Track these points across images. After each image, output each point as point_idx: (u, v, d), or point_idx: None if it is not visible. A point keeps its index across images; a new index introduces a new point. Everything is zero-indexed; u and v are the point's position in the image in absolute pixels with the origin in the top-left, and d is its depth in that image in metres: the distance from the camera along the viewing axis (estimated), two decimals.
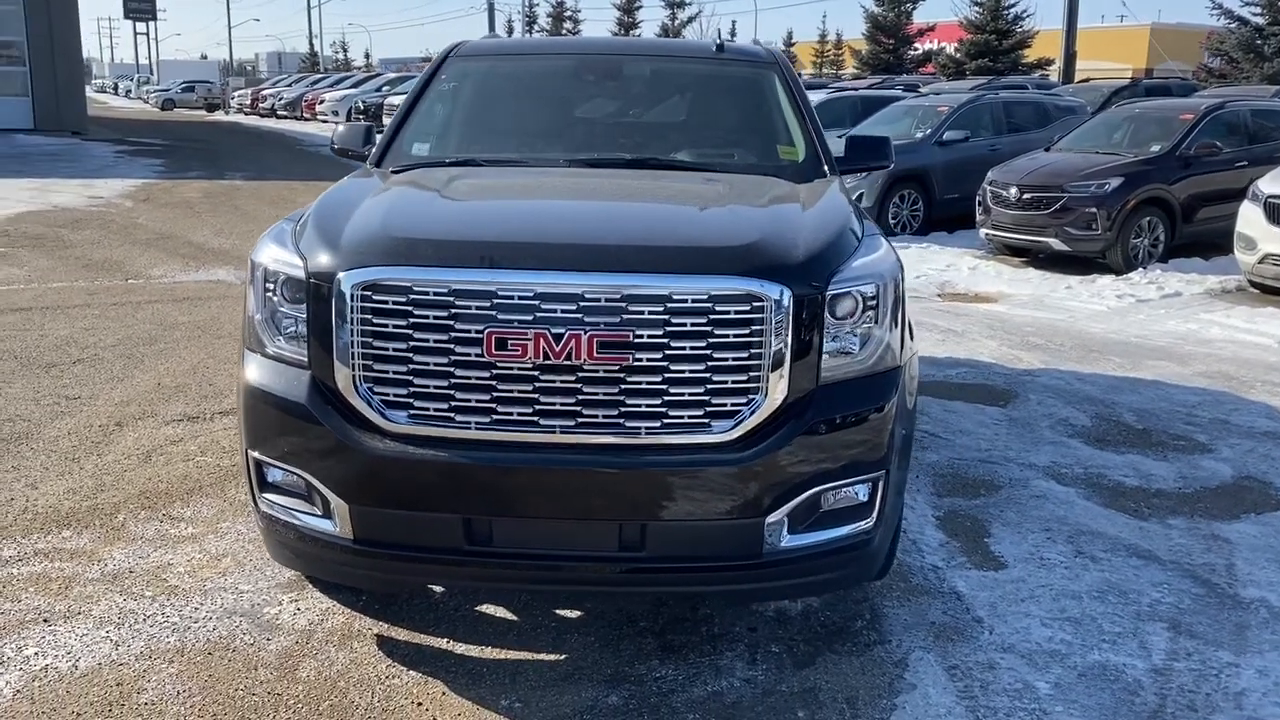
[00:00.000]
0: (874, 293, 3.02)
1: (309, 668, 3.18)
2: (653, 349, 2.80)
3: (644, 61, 4.78)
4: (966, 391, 6.49)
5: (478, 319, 2.79)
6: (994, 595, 3.72)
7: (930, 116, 14.44)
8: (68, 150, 23.54)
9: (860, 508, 3.06)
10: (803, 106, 4.34)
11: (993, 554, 4.08)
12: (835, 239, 3.12)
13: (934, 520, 4.39)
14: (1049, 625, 3.50)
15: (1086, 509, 4.56)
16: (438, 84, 4.53)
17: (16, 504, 4.32)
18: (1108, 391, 6.52)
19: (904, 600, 3.68)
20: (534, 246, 2.93)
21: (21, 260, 10.24)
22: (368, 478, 2.89)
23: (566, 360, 2.78)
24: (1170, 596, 3.73)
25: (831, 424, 2.95)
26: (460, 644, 3.33)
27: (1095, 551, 4.10)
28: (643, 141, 4.28)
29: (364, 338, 2.85)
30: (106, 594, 3.59)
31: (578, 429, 2.84)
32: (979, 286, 10.63)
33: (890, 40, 38.63)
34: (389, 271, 2.85)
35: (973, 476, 4.95)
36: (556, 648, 3.32)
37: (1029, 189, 11.35)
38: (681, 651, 3.32)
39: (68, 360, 6.59)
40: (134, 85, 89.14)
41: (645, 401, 2.82)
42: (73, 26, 28.59)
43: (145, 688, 3.04)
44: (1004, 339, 8.01)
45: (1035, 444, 5.45)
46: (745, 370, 2.85)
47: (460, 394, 2.83)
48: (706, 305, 2.81)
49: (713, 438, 2.86)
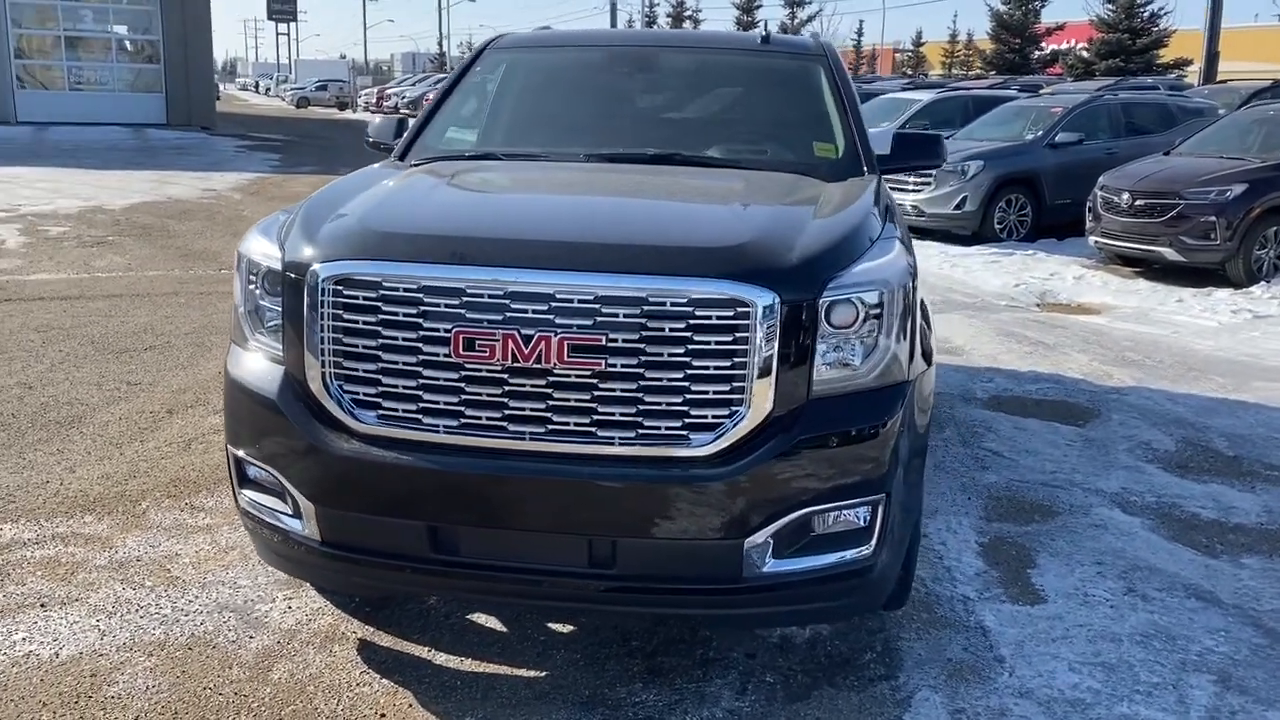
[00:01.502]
0: (878, 300, 2.76)
1: (283, 669, 3.10)
2: (628, 354, 2.62)
3: (682, 53, 4.59)
4: (1043, 408, 6.09)
5: (447, 317, 2.66)
6: (1023, 633, 3.41)
7: (1043, 118, 13.80)
8: (194, 145, 24.55)
9: (859, 533, 2.81)
10: (846, 102, 4.08)
11: (1032, 587, 3.76)
12: (839, 241, 2.88)
13: (975, 547, 4.09)
14: (1078, 670, 3.18)
15: (1149, 542, 4.18)
16: (471, 77, 4.43)
17: (50, 487, 4.40)
18: (1201, 414, 6.03)
19: (923, 633, 3.41)
20: (505, 243, 2.78)
21: (125, 249, 10.63)
22: (335, 479, 2.79)
23: (536, 363, 2.62)
24: (1225, 645, 3.36)
25: (824, 441, 2.72)
26: (441, 654, 3.21)
27: (1149, 590, 3.74)
28: (670, 136, 4.10)
29: (335, 334, 2.75)
30: (108, 582, 3.60)
31: (548, 437, 2.68)
32: (1082, 297, 10.06)
33: (1016, 40, 37.27)
34: (361, 266, 2.74)
35: (1029, 500, 4.60)
36: (538, 664, 3.17)
37: (1142, 195, 10.70)
38: (669, 676, 3.13)
39: (140, 346, 6.76)
40: (273, 83, 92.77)
41: (619, 410, 2.65)
42: (204, 26, 29.82)
43: (117, 680, 3.01)
44: (1097, 353, 7.52)
45: (1107, 468, 5.06)
46: (728, 380, 2.64)
47: (429, 395, 2.71)
48: (686, 309, 2.61)
49: (691, 451, 2.66)
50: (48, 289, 8.53)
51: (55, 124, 27.42)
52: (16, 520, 4.06)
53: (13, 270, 9.30)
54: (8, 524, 4.02)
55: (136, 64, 30.52)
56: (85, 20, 29.80)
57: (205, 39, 29.99)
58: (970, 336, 8.03)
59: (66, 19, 29.43)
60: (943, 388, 6.48)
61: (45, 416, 5.28)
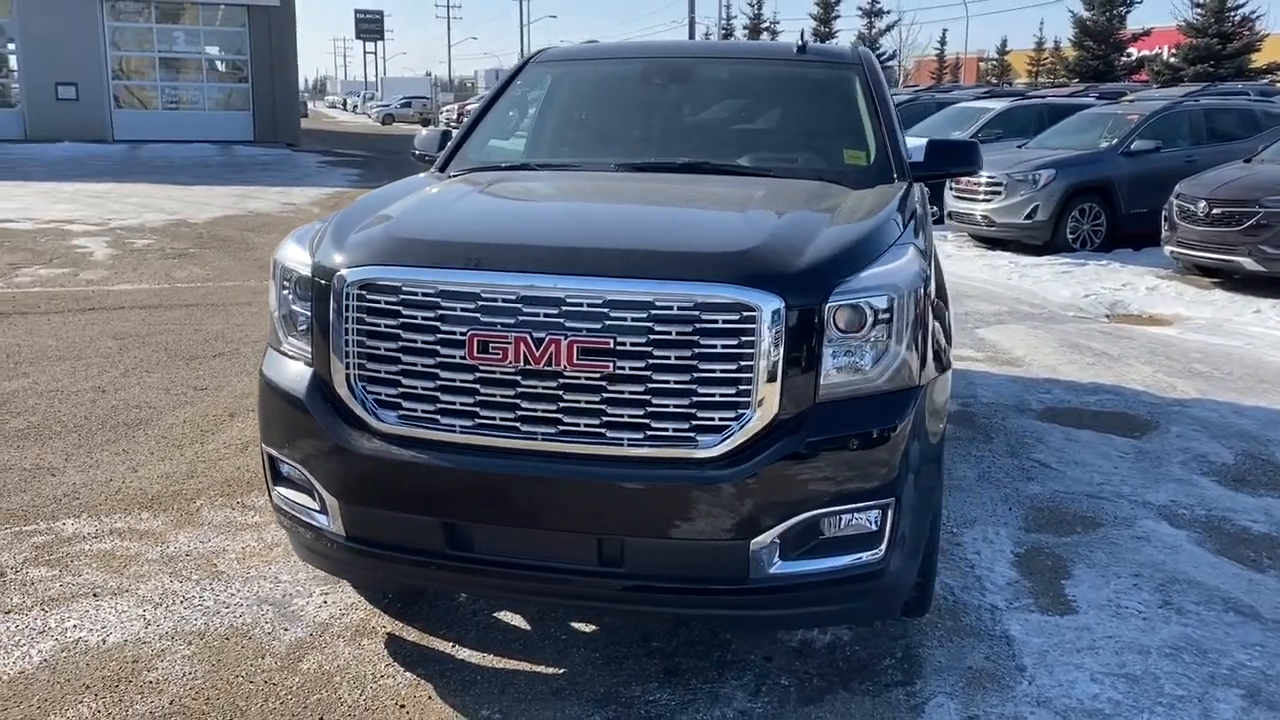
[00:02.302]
0: (887, 305, 2.78)
1: (313, 660, 3.22)
2: (635, 357, 2.68)
3: (718, 64, 4.64)
4: (1100, 420, 5.98)
5: (462, 321, 2.75)
6: (1049, 642, 3.37)
7: (1119, 125, 13.50)
8: (278, 160, 25.32)
9: (869, 536, 2.82)
10: (879, 109, 4.09)
11: (1065, 597, 3.71)
12: (850, 246, 2.90)
13: (1010, 557, 4.04)
14: (1100, 681, 3.14)
15: (1193, 555, 4.08)
16: (513, 90, 4.55)
17: (113, 485, 4.62)
18: (1267, 427, 5.86)
19: (946, 640, 3.39)
20: (517, 249, 2.86)
21: (206, 260, 11.04)
22: (357, 476, 2.90)
23: (547, 365, 2.70)
24: (1259, 660, 3.28)
25: (830, 444, 2.74)
26: (464, 649, 3.30)
27: (1186, 603, 3.66)
28: (701, 145, 4.15)
29: (359, 336, 2.86)
30: (157, 575, 3.77)
31: (559, 437, 2.75)
32: (1154, 308, 9.82)
33: (1101, 46, 36.42)
34: (383, 271, 2.85)
35: (1072, 512, 4.53)
36: (558, 661, 3.24)
37: (1220, 203, 10.41)
38: (684, 676, 3.17)
39: (210, 354, 7.03)
40: (360, 101, 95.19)
41: (628, 412, 2.71)
42: (290, 46, 30.79)
43: (157, 666, 3.16)
44: (1163, 365, 7.34)
45: (1158, 480, 4.95)
46: (734, 383, 2.68)
47: (445, 396, 2.80)
48: (692, 313, 2.66)
49: (698, 453, 2.70)
50: (129, 298, 8.91)
51: (149, 142, 28.56)
52: (79, 516, 4.27)
53: (99, 281, 9.74)
54: (70, 519, 4.24)
55: (226, 83, 31.65)
56: (179, 42, 31.02)
57: (291, 59, 30.94)
58: (1032, 347, 7.91)
59: (161, 41, 30.67)
60: (996, 398, 6.40)
61: (115, 419, 5.54)
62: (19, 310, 8.33)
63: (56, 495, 4.48)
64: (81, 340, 7.31)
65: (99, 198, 16.40)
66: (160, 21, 30.35)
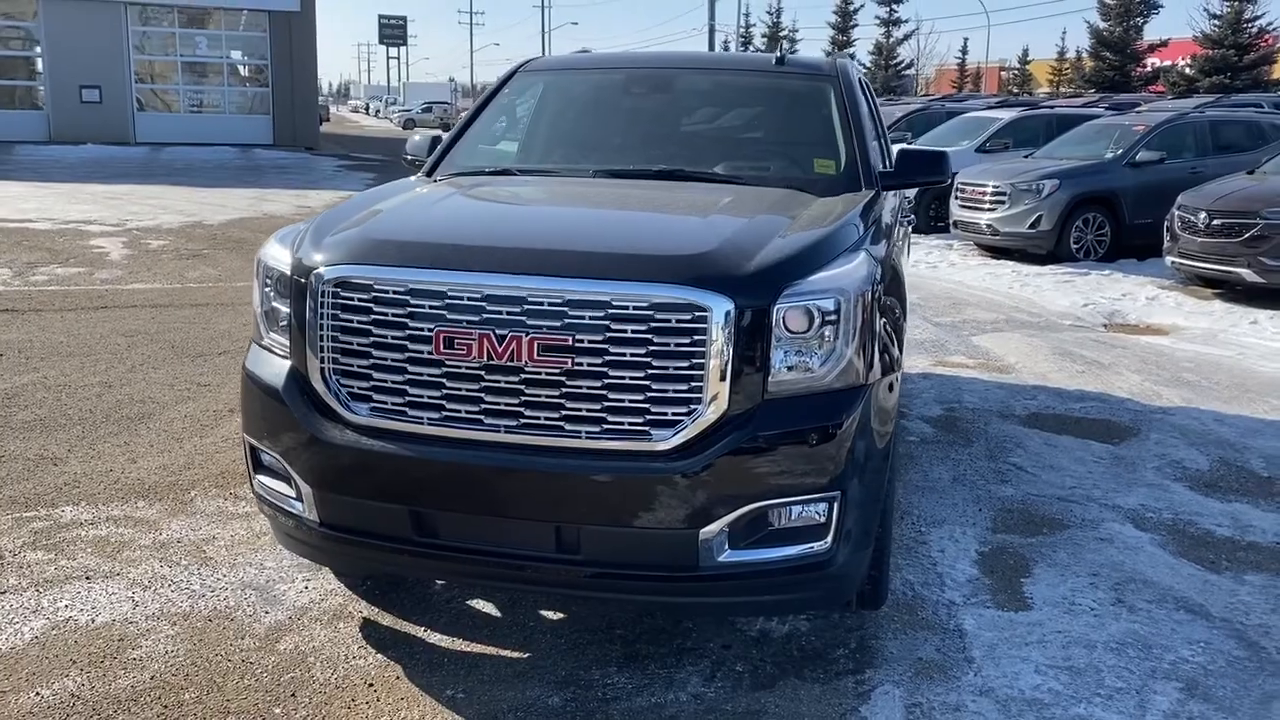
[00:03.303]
0: (834, 307, 2.91)
1: (290, 641, 3.38)
2: (593, 354, 2.82)
3: (698, 75, 4.78)
4: (1081, 426, 6.08)
5: (430, 318, 2.90)
6: (999, 636, 3.49)
7: (1126, 136, 13.55)
8: (296, 164, 25.63)
9: (816, 528, 2.95)
10: (850, 120, 4.22)
11: (1022, 595, 3.82)
12: (801, 251, 3.03)
13: (974, 556, 4.16)
14: (1043, 673, 3.25)
15: (1153, 556, 4.19)
16: (500, 98, 4.70)
17: (112, 475, 4.79)
18: (1245, 435, 5.94)
19: (901, 633, 3.51)
20: (483, 250, 3.01)
21: (218, 261, 11.25)
22: (330, 465, 3.05)
23: (509, 361, 2.84)
24: (1202, 656, 3.38)
25: (778, 439, 2.87)
26: (435, 633, 3.45)
27: (1138, 601, 3.77)
28: (678, 153, 4.29)
29: (333, 332, 3.01)
30: (148, 560, 3.94)
31: (520, 429, 2.89)
32: (1152, 318, 9.89)
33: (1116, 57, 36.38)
34: (356, 269, 3.01)
35: (1041, 514, 4.64)
36: (523, 646, 3.38)
37: (1220, 214, 10.47)
38: (643, 662, 3.30)
39: (215, 351, 7.21)
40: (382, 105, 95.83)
41: (586, 406, 2.85)
42: (310, 52, 31.18)
43: (141, 645, 3.32)
44: (1151, 374, 7.43)
45: (1130, 485, 5.05)
46: (686, 380, 2.82)
47: (414, 390, 2.95)
48: (647, 313, 2.80)
49: (652, 446, 2.84)
50: (141, 297, 9.12)
51: (170, 144, 28.97)
52: (78, 503, 4.44)
53: (113, 280, 9.96)
54: (69, 506, 4.41)
55: (246, 88, 32.08)
56: (200, 47, 31.44)
57: (310, 64, 31.32)
58: (1024, 355, 8.00)
59: (183, 46, 31.11)
60: (982, 404, 6.51)
61: (119, 413, 5.72)
62: (34, 308, 8.54)
63: (58, 484, 4.66)
64: (92, 337, 7.51)
65: (118, 199, 16.69)
66: (183, 26, 30.79)
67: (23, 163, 23.08)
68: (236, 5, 30.52)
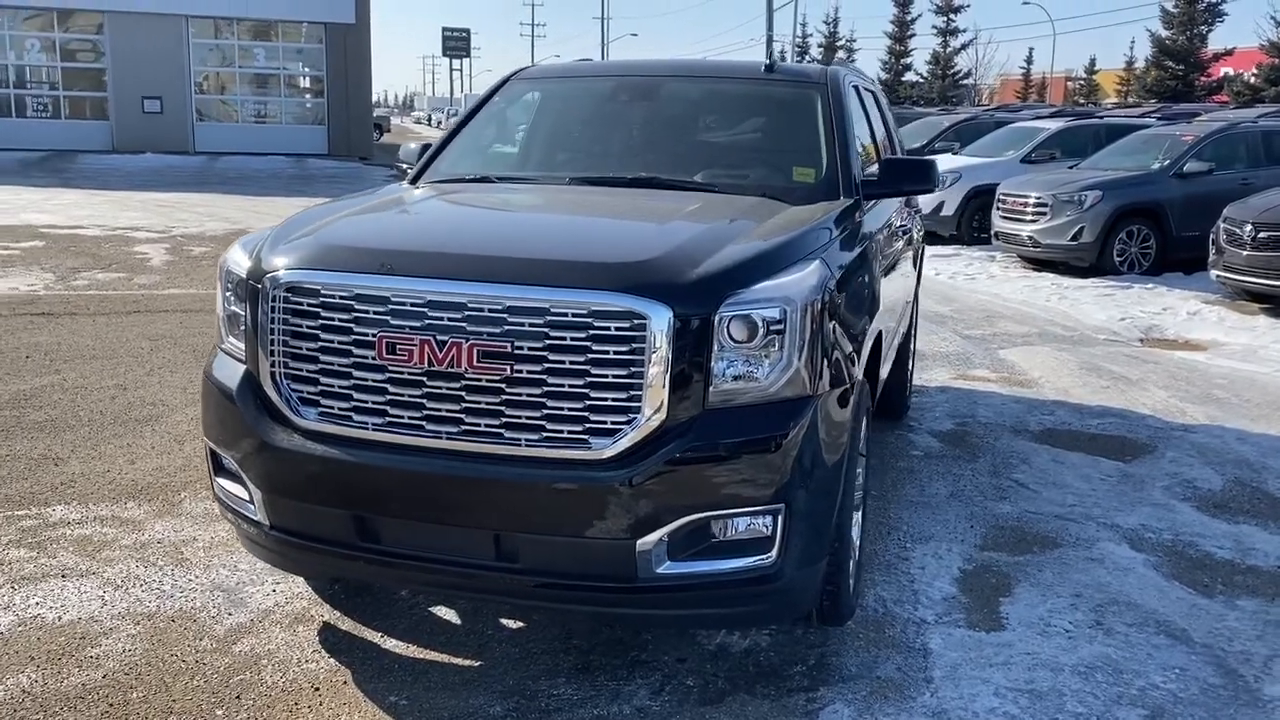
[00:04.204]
0: (779, 316, 2.86)
1: (247, 644, 3.40)
2: (532, 361, 2.80)
3: (685, 82, 4.75)
4: (1095, 443, 5.92)
5: (374, 323, 2.91)
6: (964, 657, 3.39)
7: (1174, 147, 13.22)
8: (347, 174, 26.01)
9: (761, 541, 2.90)
10: (835, 128, 4.15)
11: (997, 615, 3.71)
12: (751, 259, 2.98)
13: (955, 573, 4.06)
14: (1002, 695, 3.15)
15: (1143, 578, 4.05)
16: (491, 106, 4.71)
17: (109, 475, 4.88)
18: (1267, 454, 5.74)
19: (864, 650, 3.43)
20: (426, 255, 3.01)
21: None
22: (279, 469, 3.06)
23: (450, 367, 2.84)
24: (1174, 683, 3.25)
25: (719, 449, 2.83)
26: (391, 639, 3.45)
27: (1117, 624, 3.64)
28: (656, 161, 4.26)
29: (284, 336, 3.03)
30: (126, 559, 3.99)
31: (461, 436, 2.88)
32: (1191, 333, 9.61)
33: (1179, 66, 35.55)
34: (306, 275, 3.02)
35: (1035, 532, 4.52)
36: (476, 654, 3.37)
37: (1267, 227, 10.16)
38: (594, 673, 3.26)
39: None
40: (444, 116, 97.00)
41: (525, 413, 2.83)
42: (365, 63, 31.68)
43: (101, 643, 3.36)
44: (1179, 390, 7.22)
45: (1133, 504, 4.90)
46: (626, 388, 2.79)
47: (359, 395, 2.95)
48: (586, 320, 2.78)
49: (590, 454, 2.81)
50: (174, 302, 9.31)
51: (227, 154, 29.61)
52: (69, 503, 4.53)
53: (150, 285, 10.18)
54: (61, 505, 4.50)
55: (302, 98, 32.69)
56: (258, 59, 32.10)
57: (365, 75, 31.82)
58: (1050, 369, 7.83)
59: (242, 58, 31.79)
60: (996, 419, 6.37)
61: (128, 415, 5.83)
62: (69, 311, 8.76)
63: (55, 483, 4.75)
64: (118, 341, 7.67)
65: (168, 206, 17.08)
66: (241, 38, 31.48)
67: (84, 171, 23.75)
68: (294, 18, 31.13)
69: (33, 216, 15.01)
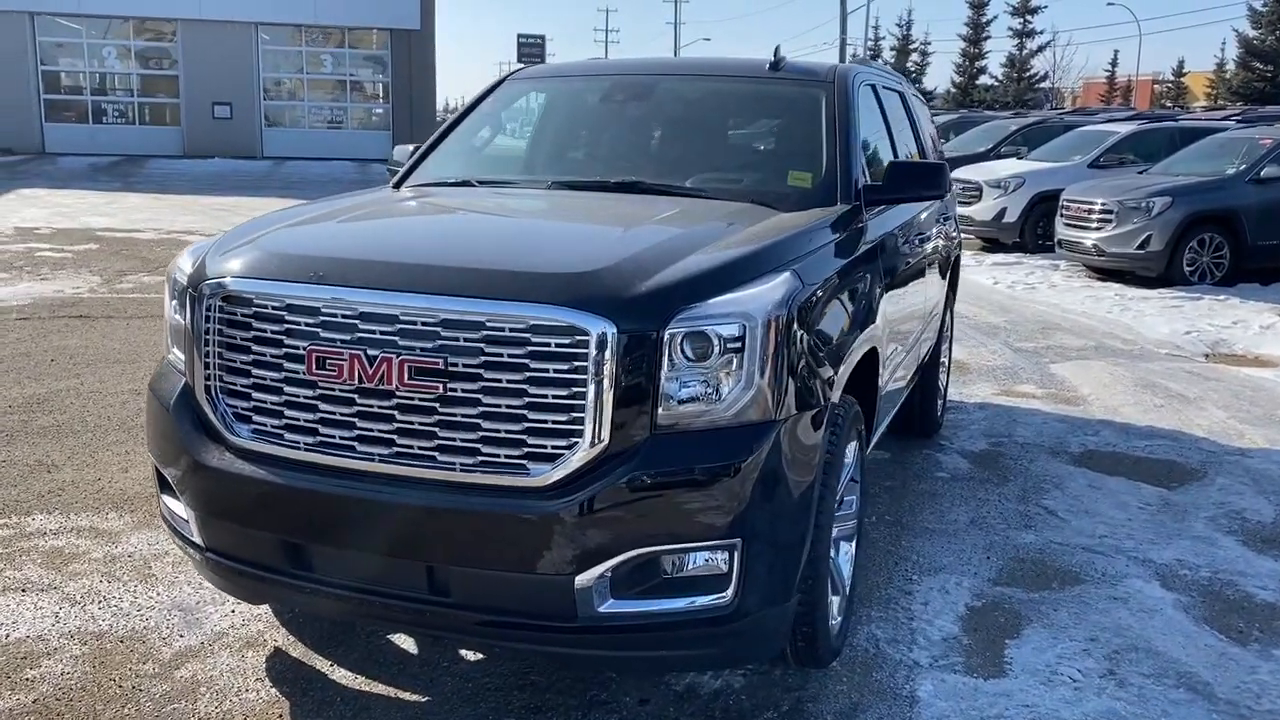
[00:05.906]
0: (738, 334, 2.60)
1: (190, 669, 3.23)
2: (467, 379, 2.59)
3: (683, 82, 4.49)
4: (1139, 467, 5.52)
5: (305, 335, 2.72)
6: (954, 707, 3.09)
7: (1252, 151, 12.57)
8: None
9: (716, 578, 2.64)
10: (837, 131, 3.86)
11: (1001, 659, 3.40)
12: (710, 271, 2.73)
13: (961, 610, 3.74)
14: None
15: (1170, 621, 3.69)
16: (484, 107, 4.52)
17: (99, 484, 4.79)
18: None
19: (846, 695, 3.15)
20: (358, 264, 2.81)
21: None
22: (211, 488, 2.89)
23: (380, 384, 2.64)
24: None
25: (667, 478, 2.58)
26: (341, 669, 3.26)
27: (1131, 675, 3.30)
28: (643, 164, 4.01)
29: (219, 348, 2.87)
30: (92, 574, 3.87)
31: (393, 459, 2.68)
32: (1261, 349, 9.05)
33: (1268, 67, 34.11)
34: (241, 283, 2.85)
35: (1056, 565, 4.17)
36: (425, 689, 3.16)
37: None
38: (547, 713, 3.03)
39: None
40: None
41: (460, 435, 2.61)
42: (429, 68, 31.98)
43: (42, 664, 3.23)
44: (1240, 410, 6.75)
45: (1171, 536, 4.52)
46: (566, 409, 2.56)
47: (290, 412, 2.77)
48: (525, 335, 2.56)
49: (528, 481, 2.59)
50: None
51: (293, 159, 30.06)
52: (51, 512, 4.44)
53: None
54: (42, 515, 4.41)
55: (367, 104, 33.06)
56: (325, 65, 32.56)
57: (429, 80, 32.11)
58: (1102, 386, 7.40)
59: (310, 64, 32.28)
60: (1034, 438, 6.00)
61: (134, 421, 5.76)
62: (106, 314, 8.81)
63: (42, 491, 4.68)
64: (144, 345, 7.66)
65: (225, 210, 17.29)
66: (309, 45, 31.95)
67: (151, 176, 24.26)
68: (361, 24, 31.50)
69: (92, 220, 15.30)
